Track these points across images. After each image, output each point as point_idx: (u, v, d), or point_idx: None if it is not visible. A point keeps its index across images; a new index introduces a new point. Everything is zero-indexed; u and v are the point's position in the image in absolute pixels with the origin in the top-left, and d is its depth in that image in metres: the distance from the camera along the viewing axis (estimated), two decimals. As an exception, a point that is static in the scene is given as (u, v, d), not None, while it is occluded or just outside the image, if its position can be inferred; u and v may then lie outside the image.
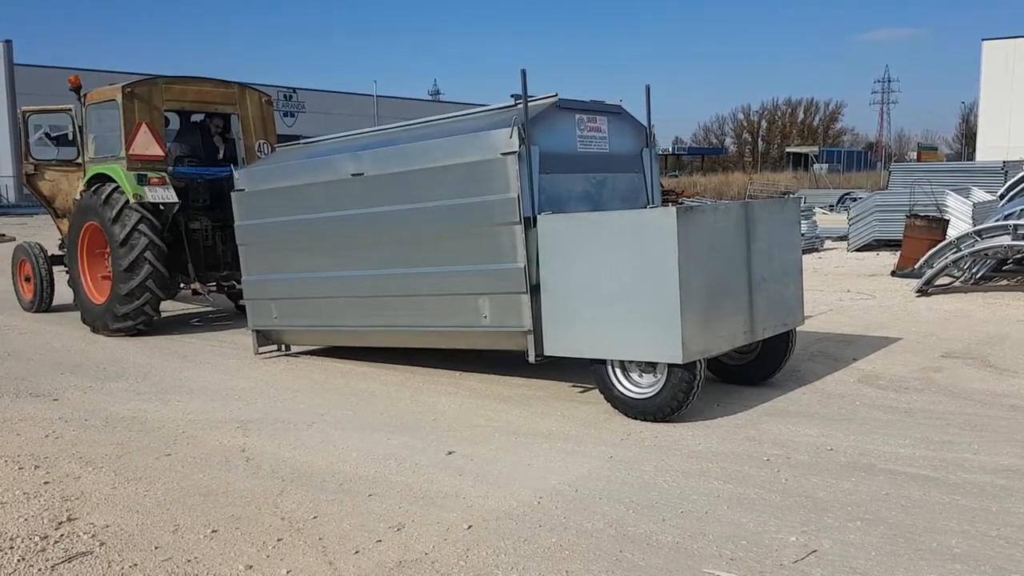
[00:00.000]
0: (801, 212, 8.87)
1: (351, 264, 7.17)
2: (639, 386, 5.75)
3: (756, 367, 6.57)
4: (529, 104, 6.00)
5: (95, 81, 11.78)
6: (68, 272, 10.34)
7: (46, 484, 4.81)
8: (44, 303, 11.22)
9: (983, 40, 44.68)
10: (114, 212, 9.18)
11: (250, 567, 3.74)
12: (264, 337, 8.28)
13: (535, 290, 5.97)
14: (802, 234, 8.59)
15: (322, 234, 7.33)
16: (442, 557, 3.77)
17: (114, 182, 9.35)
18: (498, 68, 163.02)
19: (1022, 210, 11.18)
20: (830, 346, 7.85)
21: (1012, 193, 13.52)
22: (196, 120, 10.65)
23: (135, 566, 3.76)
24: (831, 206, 29.68)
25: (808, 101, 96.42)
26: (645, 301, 5.46)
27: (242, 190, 8.05)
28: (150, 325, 9.56)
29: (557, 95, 6.40)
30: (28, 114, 11.26)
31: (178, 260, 9.76)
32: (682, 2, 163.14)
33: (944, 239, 11.99)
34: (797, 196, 16.08)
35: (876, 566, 3.58)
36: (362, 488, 4.64)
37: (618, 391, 5.81)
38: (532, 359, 6.08)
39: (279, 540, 4.00)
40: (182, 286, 10.12)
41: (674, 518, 4.12)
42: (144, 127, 9.46)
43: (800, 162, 71.71)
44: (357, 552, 3.85)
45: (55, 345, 9.13)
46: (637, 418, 5.70)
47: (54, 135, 11.02)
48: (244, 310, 8.71)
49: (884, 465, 4.76)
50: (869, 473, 4.64)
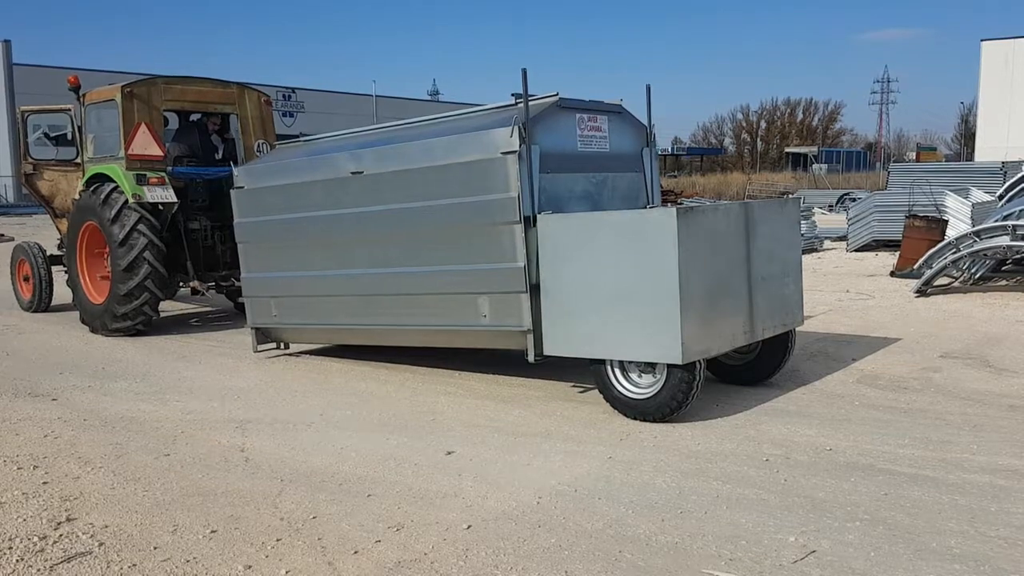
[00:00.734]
0: (800, 212, 8.85)
1: (351, 262, 7.17)
2: (638, 386, 5.74)
3: (755, 367, 6.57)
4: (530, 103, 5.99)
5: (94, 81, 11.77)
6: (67, 272, 10.34)
7: (45, 484, 4.81)
8: (43, 303, 11.22)
9: (982, 41, 44.70)
10: (113, 212, 9.18)
11: (249, 567, 3.74)
12: (263, 335, 8.26)
13: (535, 290, 5.97)
14: (801, 234, 8.55)
15: (321, 232, 7.32)
16: (441, 557, 3.77)
17: (113, 182, 9.35)
18: (497, 68, 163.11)
19: (1021, 211, 11.18)
20: (829, 346, 7.85)
21: (1011, 194, 13.53)
22: (195, 120, 10.64)
23: (134, 566, 3.76)
24: (830, 206, 29.72)
25: (807, 101, 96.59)
26: (645, 301, 5.45)
27: (241, 187, 8.04)
28: (149, 325, 9.56)
29: (558, 94, 6.39)
30: (27, 114, 11.25)
31: (177, 260, 9.76)
32: (682, 2, 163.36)
33: (943, 239, 11.99)
34: (797, 196, 16.05)
35: (875, 566, 3.58)
36: (361, 488, 4.64)
37: (617, 391, 5.81)
38: (531, 359, 6.08)
39: (278, 540, 4.00)
40: (181, 285, 10.12)
41: (673, 518, 4.12)
42: (143, 127, 9.46)
43: (799, 162, 71.81)
44: (356, 552, 3.85)
45: (54, 345, 9.13)
46: (636, 418, 5.70)
47: (53, 135, 11.01)
48: (243, 309, 8.71)
49: (883, 465, 4.76)
50: (868, 473, 4.64)
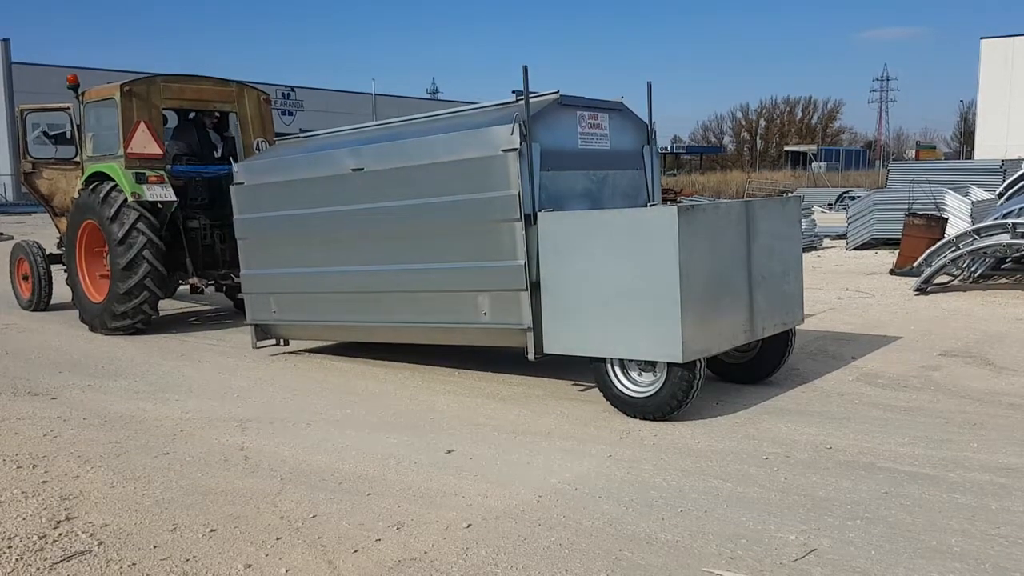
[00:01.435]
0: (801, 211, 8.85)
1: (350, 259, 7.16)
2: (639, 385, 5.74)
3: (756, 366, 6.57)
4: (531, 101, 5.98)
5: (93, 79, 11.77)
6: (66, 271, 10.33)
7: (44, 483, 4.80)
8: (42, 302, 11.21)
9: (982, 39, 44.69)
10: (112, 211, 9.17)
11: (249, 566, 3.73)
12: (263, 331, 8.24)
13: (535, 287, 5.96)
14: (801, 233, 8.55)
15: (321, 229, 7.31)
16: (441, 556, 3.77)
17: (112, 180, 9.34)
18: (496, 67, 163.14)
19: (1020, 208, 11.18)
20: (829, 345, 7.85)
21: (1011, 192, 13.54)
22: (193, 118, 10.63)
23: (133, 565, 3.76)
24: (830, 204, 29.75)
25: (806, 100, 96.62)
26: (645, 299, 5.45)
27: (241, 183, 8.03)
28: (148, 324, 9.55)
29: (559, 92, 6.37)
30: (26, 112, 11.25)
31: (176, 259, 9.75)
32: (682, 1, 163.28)
33: (943, 238, 12.00)
34: (797, 195, 16.06)
35: (876, 565, 3.58)
36: (361, 487, 4.63)
37: (617, 390, 5.80)
38: (531, 357, 6.07)
39: (278, 539, 3.99)
40: (180, 282, 10.11)
41: (673, 517, 4.12)
42: (142, 125, 9.45)
43: (798, 161, 71.78)
44: (356, 551, 3.84)
45: (53, 344, 9.12)
46: (636, 417, 5.70)
47: (52, 133, 11.00)
48: (242, 307, 8.70)
49: (884, 464, 4.76)
50: (869, 472, 4.64)
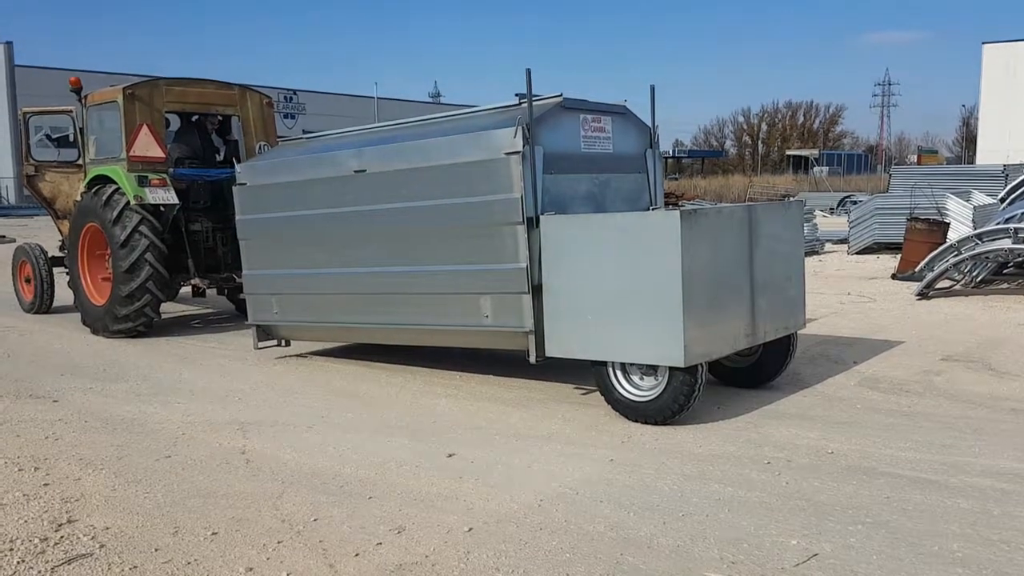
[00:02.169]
0: (804, 215, 8.85)
1: (352, 261, 7.16)
2: (640, 388, 5.74)
3: (757, 370, 6.56)
4: (534, 104, 5.98)
5: (96, 82, 11.79)
6: (68, 273, 10.34)
7: (46, 486, 4.80)
8: (44, 304, 11.21)
9: (984, 44, 44.80)
10: (115, 214, 9.18)
11: (250, 569, 3.73)
12: (264, 332, 8.24)
13: (537, 291, 5.96)
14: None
15: (323, 230, 7.32)
16: (442, 560, 3.77)
17: (115, 184, 9.35)
18: (498, 70, 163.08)
19: (1022, 213, 11.18)
20: (831, 349, 7.84)
21: (1012, 196, 13.53)
22: (196, 121, 10.64)
23: (135, 568, 3.76)
24: (831, 209, 29.76)
25: (808, 104, 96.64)
26: (647, 303, 5.44)
27: (244, 184, 8.04)
28: (150, 327, 9.55)
29: (562, 95, 6.38)
30: (29, 115, 11.26)
31: (178, 262, 9.76)
32: (683, 4, 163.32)
33: (945, 242, 12.00)
34: (799, 199, 16.07)
35: (877, 570, 3.57)
36: (362, 490, 4.63)
37: (619, 393, 5.80)
38: (533, 360, 6.07)
39: (279, 542, 3.99)
40: (182, 283, 10.12)
41: (675, 521, 4.12)
42: (145, 129, 9.46)
43: (800, 165, 71.80)
44: (357, 555, 3.84)
45: (55, 347, 9.12)
46: (638, 421, 5.69)
47: (55, 136, 11.03)
48: (243, 310, 8.70)
49: (885, 468, 4.75)
50: (870, 476, 4.63)
